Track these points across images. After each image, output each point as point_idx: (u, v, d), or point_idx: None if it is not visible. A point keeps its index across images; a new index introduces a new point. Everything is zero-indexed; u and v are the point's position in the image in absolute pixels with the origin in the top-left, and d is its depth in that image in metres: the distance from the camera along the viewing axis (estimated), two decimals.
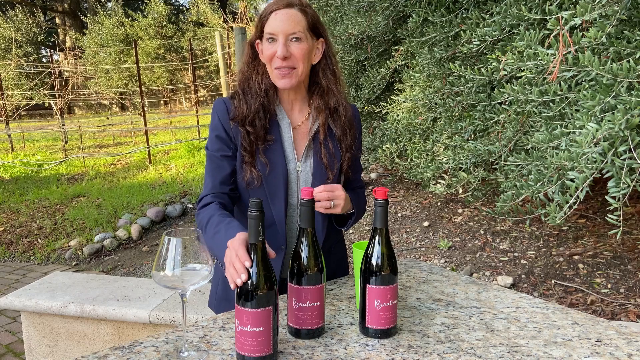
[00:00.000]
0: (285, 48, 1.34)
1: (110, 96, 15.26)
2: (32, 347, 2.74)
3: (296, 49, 1.35)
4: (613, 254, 3.25)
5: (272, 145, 1.42)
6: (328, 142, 1.45)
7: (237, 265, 1.03)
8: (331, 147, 1.45)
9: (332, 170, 1.44)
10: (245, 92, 1.44)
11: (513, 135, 2.43)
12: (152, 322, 2.53)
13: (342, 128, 1.47)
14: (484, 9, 2.65)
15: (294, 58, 1.36)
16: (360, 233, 4.30)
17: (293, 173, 1.44)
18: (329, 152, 1.45)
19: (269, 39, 1.36)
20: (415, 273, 1.56)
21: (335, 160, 1.45)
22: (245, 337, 0.99)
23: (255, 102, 1.42)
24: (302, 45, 1.35)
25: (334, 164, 1.44)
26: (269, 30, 1.35)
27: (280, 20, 1.33)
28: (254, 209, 1.00)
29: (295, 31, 1.34)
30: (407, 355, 1.04)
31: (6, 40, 16.90)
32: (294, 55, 1.35)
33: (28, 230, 5.59)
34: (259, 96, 1.43)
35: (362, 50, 3.78)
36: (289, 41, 1.34)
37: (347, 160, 1.47)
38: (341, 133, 1.47)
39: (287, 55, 1.34)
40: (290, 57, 1.35)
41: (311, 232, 1.10)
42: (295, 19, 1.34)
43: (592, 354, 1.05)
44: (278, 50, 1.34)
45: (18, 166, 8.69)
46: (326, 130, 1.45)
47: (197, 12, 15.44)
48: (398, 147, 3.48)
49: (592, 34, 1.76)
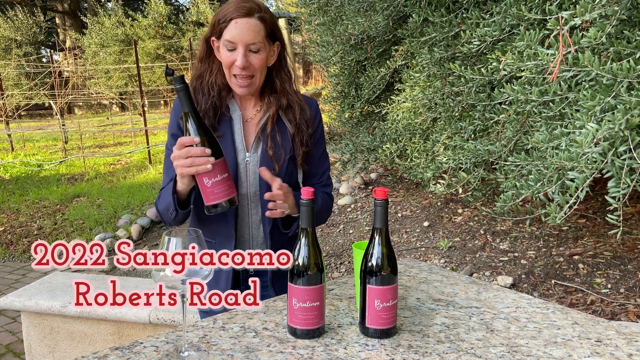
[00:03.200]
0: (245, 59, 1.37)
1: (110, 96, 15.26)
2: (32, 347, 2.74)
3: (255, 59, 1.39)
4: (613, 254, 3.25)
5: (220, 140, 1.43)
6: (276, 134, 1.48)
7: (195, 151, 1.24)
8: (279, 139, 1.48)
9: (278, 161, 1.46)
10: (196, 90, 1.47)
11: (513, 135, 2.43)
12: (152, 322, 2.53)
13: (296, 124, 1.49)
14: (484, 9, 2.65)
15: (252, 67, 1.39)
16: (360, 233, 4.30)
17: (242, 164, 1.47)
18: (276, 144, 1.47)
19: (228, 47, 1.38)
20: (415, 273, 1.56)
21: (283, 152, 1.47)
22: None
23: (207, 102, 1.45)
24: (261, 55, 1.39)
25: (280, 156, 1.47)
26: (229, 37, 1.37)
27: (240, 30, 1.35)
28: (178, 82, 1.20)
29: (255, 42, 1.37)
30: (407, 355, 1.04)
31: (6, 40, 16.89)
32: (253, 65, 1.39)
33: (28, 230, 5.59)
34: (211, 97, 1.46)
35: (362, 50, 3.78)
36: (248, 52, 1.37)
37: (302, 154, 1.49)
38: (295, 129, 1.49)
39: (246, 66, 1.38)
40: (249, 67, 1.39)
41: (311, 232, 1.10)
42: (254, 29, 1.36)
43: (592, 354, 1.05)
44: (237, 60, 1.37)
45: (18, 166, 8.69)
46: (275, 122, 1.48)
47: (197, 12, 15.47)
48: (398, 147, 3.48)
49: (592, 34, 1.76)
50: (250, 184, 1.48)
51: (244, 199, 1.48)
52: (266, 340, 1.10)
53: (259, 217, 1.50)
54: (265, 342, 1.10)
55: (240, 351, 1.05)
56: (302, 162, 1.51)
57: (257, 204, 1.49)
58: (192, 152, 1.25)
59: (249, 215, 1.50)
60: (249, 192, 1.48)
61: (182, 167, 1.27)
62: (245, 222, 1.50)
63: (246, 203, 1.48)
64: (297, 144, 1.49)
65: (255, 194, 1.48)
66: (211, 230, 1.51)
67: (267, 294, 1.50)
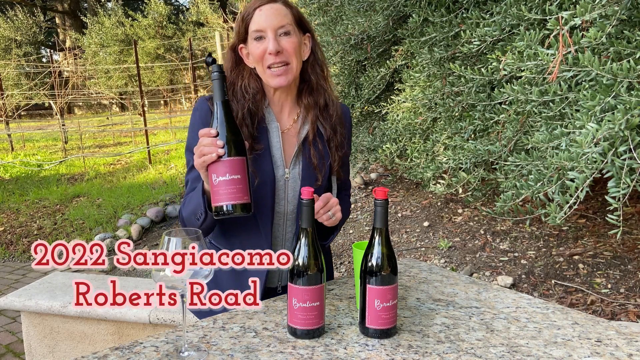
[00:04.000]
0: (277, 42, 1.28)
1: (110, 96, 15.26)
2: (32, 347, 2.74)
3: (287, 43, 1.30)
4: (613, 254, 3.25)
5: (260, 154, 1.36)
6: (317, 143, 1.40)
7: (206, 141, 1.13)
8: (320, 147, 1.40)
9: (321, 171, 1.39)
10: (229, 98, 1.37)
11: (513, 135, 2.43)
12: (152, 322, 2.53)
13: (332, 126, 1.41)
14: (484, 9, 2.65)
15: (286, 52, 1.30)
16: (360, 233, 4.30)
17: (281, 180, 1.39)
18: (319, 153, 1.39)
19: (256, 37, 1.30)
20: (415, 273, 1.56)
21: (324, 161, 1.40)
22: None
23: (243, 108, 1.35)
24: (293, 38, 1.30)
25: (322, 165, 1.39)
26: (256, 27, 1.29)
27: (266, 16, 1.28)
28: (216, 69, 1.14)
29: (284, 24, 1.29)
30: (407, 355, 1.04)
31: (6, 40, 16.88)
32: (286, 49, 1.30)
33: (28, 230, 5.59)
34: (246, 101, 1.36)
35: (362, 50, 3.78)
36: (279, 36, 1.29)
37: (338, 160, 1.42)
38: (331, 131, 1.41)
39: (279, 50, 1.28)
40: (282, 52, 1.29)
41: (311, 232, 1.10)
42: (281, 13, 1.29)
43: (592, 354, 1.05)
44: (269, 46, 1.28)
45: (18, 166, 8.69)
46: (315, 130, 1.40)
47: (197, 12, 15.46)
48: (398, 147, 3.48)
49: (592, 34, 1.76)
50: (289, 202, 1.40)
51: (281, 217, 1.41)
52: (266, 340, 1.10)
53: (292, 234, 1.44)
54: (265, 342, 1.10)
55: (240, 351, 1.05)
56: (339, 169, 1.44)
57: (293, 222, 1.42)
58: (204, 141, 1.15)
59: (284, 233, 1.44)
60: (286, 209, 1.40)
61: (195, 158, 1.18)
62: (279, 240, 1.44)
63: (282, 221, 1.42)
64: (333, 149, 1.41)
65: (293, 212, 1.41)
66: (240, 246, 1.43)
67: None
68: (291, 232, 1.44)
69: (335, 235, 1.43)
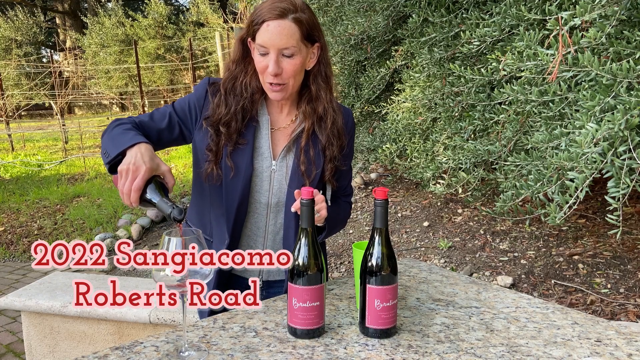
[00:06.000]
0: (277, 65, 1.29)
1: (111, 96, 15.27)
2: (32, 347, 2.74)
3: (288, 65, 1.30)
4: (613, 254, 3.25)
5: (241, 148, 1.37)
6: (309, 149, 1.40)
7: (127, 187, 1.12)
8: (312, 154, 1.40)
9: (309, 177, 1.39)
10: (227, 91, 1.39)
11: (513, 135, 2.43)
12: (152, 322, 2.53)
13: (327, 136, 1.41)
14: (484, 9, 2.65)
15: (285, 74, 1.31)
16: (360, 233, 4.30)
17: (266, 171, 1.40)
18: (309, 159, 1.39)
19: (260, 52, 1.31)
20: (415, 273, 1.56)
21: (314, 168, 1.40)
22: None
23: (238, 104, 1.37)
24: (295, 60, 1.30)
25: (311, 172, 1.40)
26: (261, 42, 1.29)
27: (271, 34, 1.27)
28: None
29: (288, 46, 1.28)
30: (407, 355, 1.05)
31: (6, 40, 16.88)
32: (286, 71, 1.30)
33: (28, 230, 5.59)
34: (243, 98, 1.38)
35: (362, 50, 3.78)
36: (281, 56, 1.29)
37: (330, 170, 1.42)
38: (326, 141, 1.41)
39: (278, 72, 1.30)
40: (281, 74, 1.30)
41: (311, 232, 1.10)
42: (288, 32, 1.27)
43: (592, 354, 1.05)
44: (269, 67, 1.29)
45: (18, 166, 8.69)
46: (310, 136, 1.40)
47: (197, 12, 15.44)
48: (398, 147, 3.48)
49: (591, 34, 1.76)
50: (273, 193, 1.41)
51: (264, 208, 1.42)
52: (266, 340, 1.11)
53: (276, 228, 1.45)
54: (265, 342, 1.10)
55: (240, 351, 1.06)
56: (331, 178, 1.44)
57: (276, 215, 1.43)
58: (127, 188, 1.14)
59: (266, 224, 1.44)
60: (270, 201, 1.41)
61: (121, 176, 1.15)
62: (260, 231, 1.44)
63: (265, 212, 1.43)
64: (327, 158, 1.41)
65: (277, 204, 1.42)
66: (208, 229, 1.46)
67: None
68: (274, 226, 1.44)
69: (324, 237, 1.42)
